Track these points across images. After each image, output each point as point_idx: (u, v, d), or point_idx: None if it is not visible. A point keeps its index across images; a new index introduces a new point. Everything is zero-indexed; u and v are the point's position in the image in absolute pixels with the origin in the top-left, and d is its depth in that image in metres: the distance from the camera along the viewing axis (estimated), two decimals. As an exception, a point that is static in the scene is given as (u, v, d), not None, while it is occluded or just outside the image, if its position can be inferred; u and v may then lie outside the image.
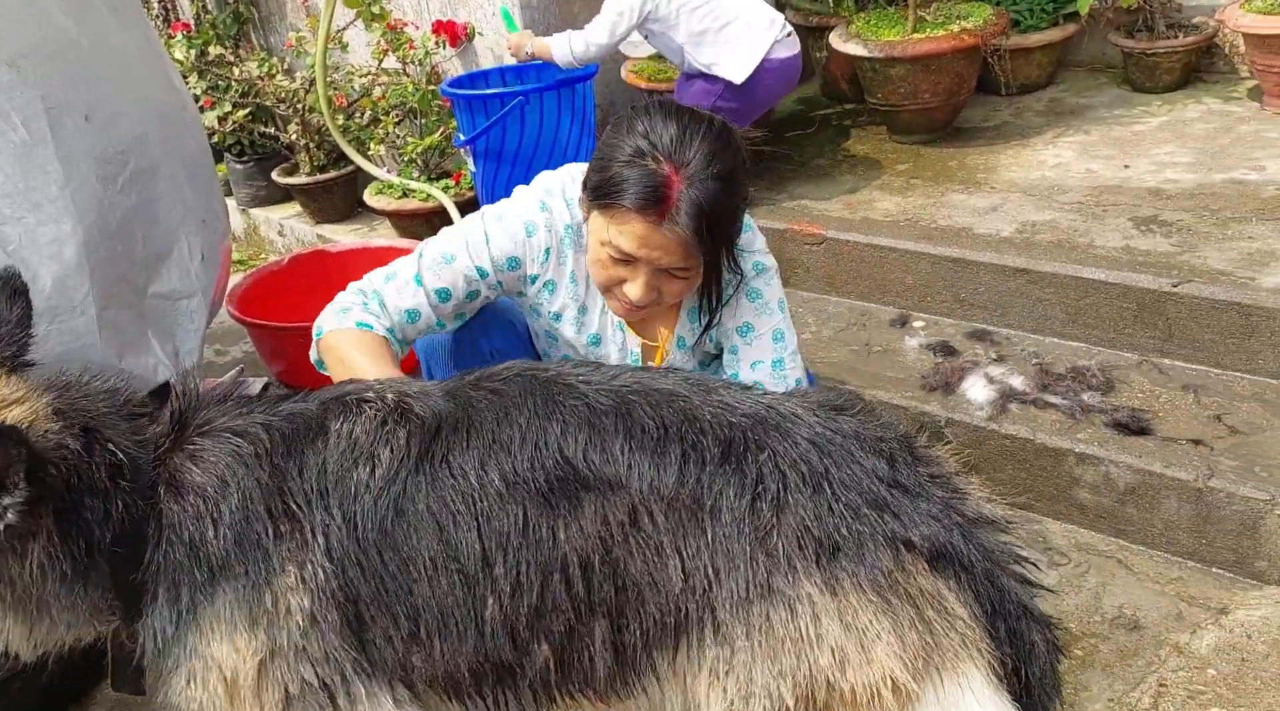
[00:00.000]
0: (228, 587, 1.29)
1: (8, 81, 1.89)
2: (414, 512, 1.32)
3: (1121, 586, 2.19)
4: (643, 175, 1.64)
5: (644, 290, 1.75)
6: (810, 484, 1.28)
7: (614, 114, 4.02)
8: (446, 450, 1.35)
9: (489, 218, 1.92)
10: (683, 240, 1.67)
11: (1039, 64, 3.92)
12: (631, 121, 1.71)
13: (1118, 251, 2.70)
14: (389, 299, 1.86)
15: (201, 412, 1.41)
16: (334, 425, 1.36)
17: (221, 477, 1.33)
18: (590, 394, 1.39)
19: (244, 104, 4.41)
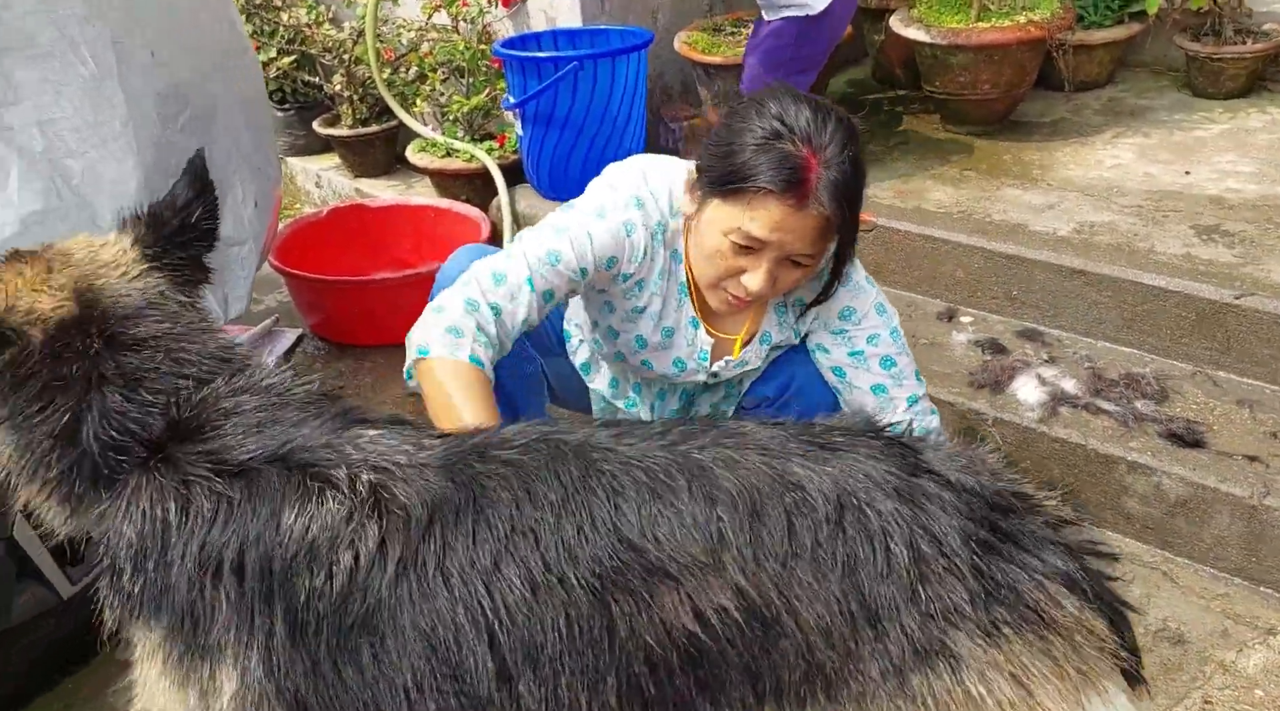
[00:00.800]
0: (158, 635, 1.16)
1: (79, 13, 1.85)
2: (391, 629, 1.11)
3: (1166, 599, 2.17)
4: (782, 158, 1.61)
5: (765, 280, 1.71)
6: (935, 525, 1.14)
7: (663, 85, 4.00)
8: (442, 552, 1.12)
9: (588, 215, 1.84)
10: (821, 221, 1.64)
11: (1100, 62, 3.84)
12: (760, 105, 1.66)
13: (1178, 259, 2.65)
14: (505, 309, 1.74)
15: (195, 432, 1.20)
16: (286, 512, 1.13)
17: (154, 532, 1.15)
18: (638, 455, 1.17)
19: (289, 51, 4.36)
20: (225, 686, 1.13)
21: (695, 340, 1.99)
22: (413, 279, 3.31)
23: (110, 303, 1.25)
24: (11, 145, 1.76)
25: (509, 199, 3.64)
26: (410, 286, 3.31)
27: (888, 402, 1.95)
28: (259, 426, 1.20)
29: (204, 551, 1.13)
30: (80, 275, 1.26)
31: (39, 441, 1.18)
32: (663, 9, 3.95)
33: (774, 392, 2.12)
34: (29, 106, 1.79)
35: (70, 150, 1.84)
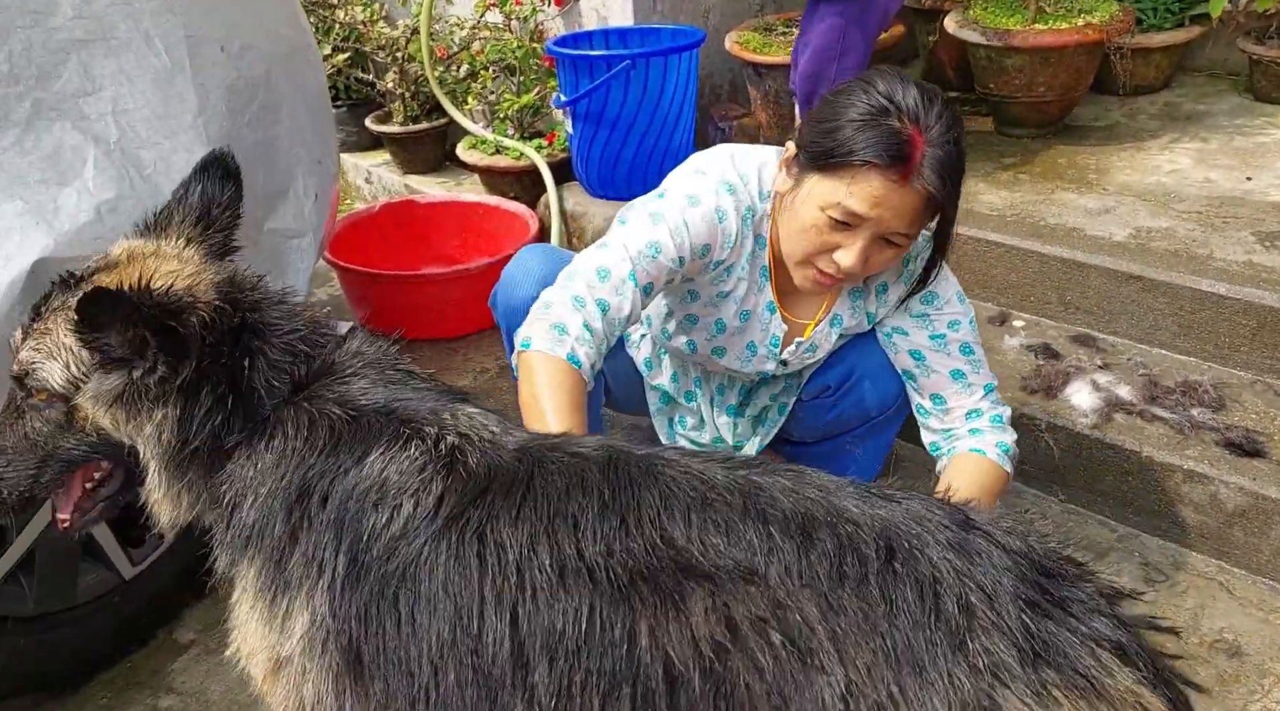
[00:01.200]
0: (252, 571, 1.25)
1: (155, 7, 1.89)
2: (426, 584, 1.15)
3: (1222, 610, 2.14)
4: (888, 133, 1.62)
5: (858, 257, 1.71)
6: (986, 580, 1.10)
7: (712, 84, 4.00)
8: (486, 518, 1.16)
9: (681, 201, 1.84)
10: (923, 198, 1.65)
11: (1158, 65, 3.79)
12: (867, 83, 1.68)
13: (1239, 266, 2.60)
14: (612, 305, 1.74)
15: (330, 377, 1.31)
16: (375, 452, 1.22)
17: (280, 458, 1.24)
18: (702, 470, 1.19)
19: (344, 48, 4.42)
20: (297, 624, 1.20)
21: (770, 325, 2.01)
22: (461, 274, 3.35)
23: (225, 285, 1.32)
24: (88, 134, 1.81)
25: (557, 196, 3.67)
26: (458, 281, 3.35)
27: (965, 388, 1.95)
28: (380, 384, 1.31)
29: (309, 476, 1.22)
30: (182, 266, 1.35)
31: (206, 398, 1.24)
32: (714, 9, 3.96)
33: (835, 381, 2.13)
34: (106, 97, 1.83)
35: (143, 140, 1.88)
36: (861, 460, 2.25)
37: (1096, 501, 2.44)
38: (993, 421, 1.95)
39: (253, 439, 1.26)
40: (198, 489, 1.30)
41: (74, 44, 1.79)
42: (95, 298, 1.16)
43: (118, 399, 1.25)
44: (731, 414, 2.32)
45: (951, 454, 1.96)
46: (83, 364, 1.26)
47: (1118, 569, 2.27)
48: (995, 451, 1.91)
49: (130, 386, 1.24)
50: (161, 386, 1.23)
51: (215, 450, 1.26)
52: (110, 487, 1.43)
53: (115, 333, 1.20)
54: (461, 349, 3.38)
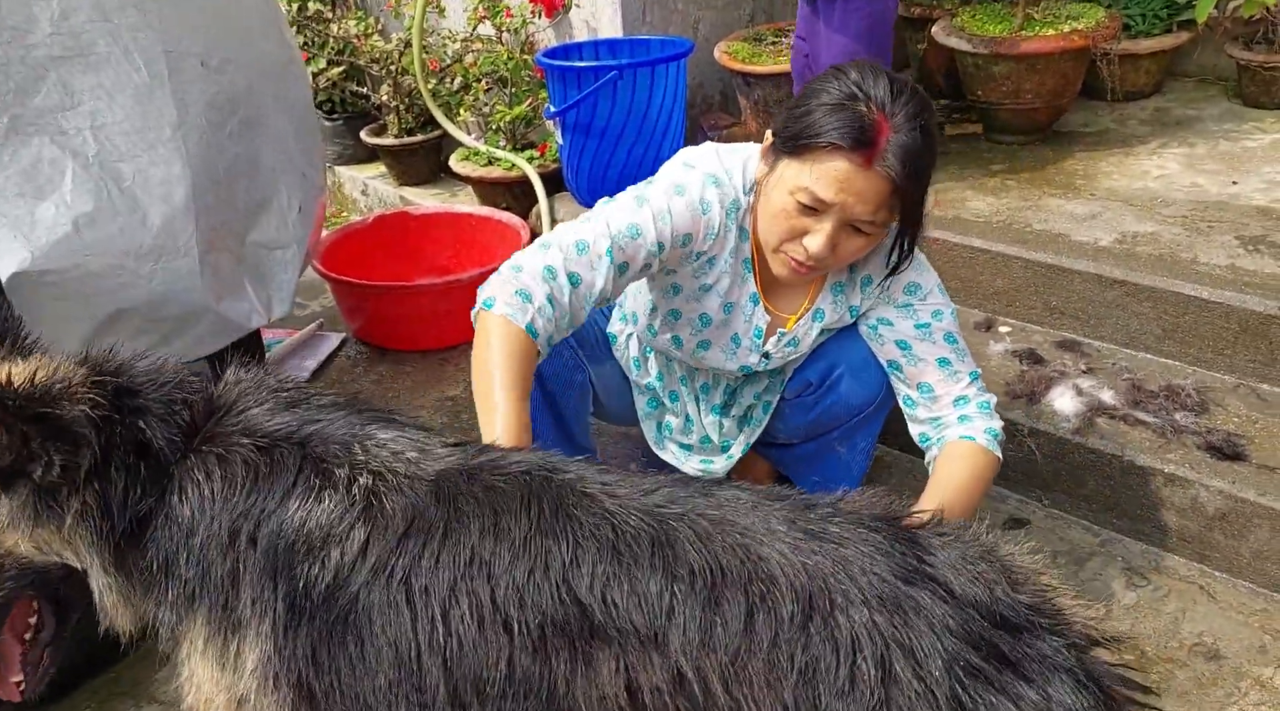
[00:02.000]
0: (199, 619, 1.21)
1: (133, 23, 1.93)
2: (367, 629, 1.14)
3: (1203, 613, 2.13)
4: (853, 117, 1.65)
5: (825, 242, 1.74)
6: (919, 643, 1.03)
7: (703, 94, 4.02)
8: (410, 566, 1.15)
9: (667, 189, 1.87)
10: (886, 182, 1.67)
11: (1147, 71, 3.79)
12: (839, 73, 1.71)
13: (1222, 270, 2.60)
14: (584, 279, 1.75)
15: (219, 415, 1.28)
16: (293, 498, 1.19)
17: (200, 505, 1.21)
18: (616, 510, 1.14)
19: (338, 62, 4.47)
20: (248, 661, 1.18)
21: (753, 316, 2.03)
22: (453, 285, 3.37)
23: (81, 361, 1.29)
24: (66, 149, 1.84)
25: (549, 207, 3.69)
26: (450, 292, 3.37)
27: (952, 375, 1.97)
28: (281, 408, 1.28)
29: (235, 519, 1.19)
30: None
31: (118, 473, 1.20)
32: (703, 20, 3.98)
33: (817, 377, 2.14)
34: (84, 112, 1.86)
35: (121, 154, 1.91)
36: (848, 459, 2.26)
37: (1079, 505, 2.44)
38: (980, 408, 1.97)
39: (164, 498, 1.23)
40: (139, 576, 1.25)
41: (52, 60, 1.83)
42: None
43: (35, 515, 1.19)
44: (716, 413, 2.33)
45: (941, 443, 1.97)
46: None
47: (1100, 573, 2.27)
48: (985, 437, 1.93)
49: (39, 494, 1.19)
50: (67, 478, 1.19)
51: (138, 523, 1.22)
52: (49, 628, 1.35)
53: None
54: (453, 359, 3.39)
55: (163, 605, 1.23)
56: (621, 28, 3.73)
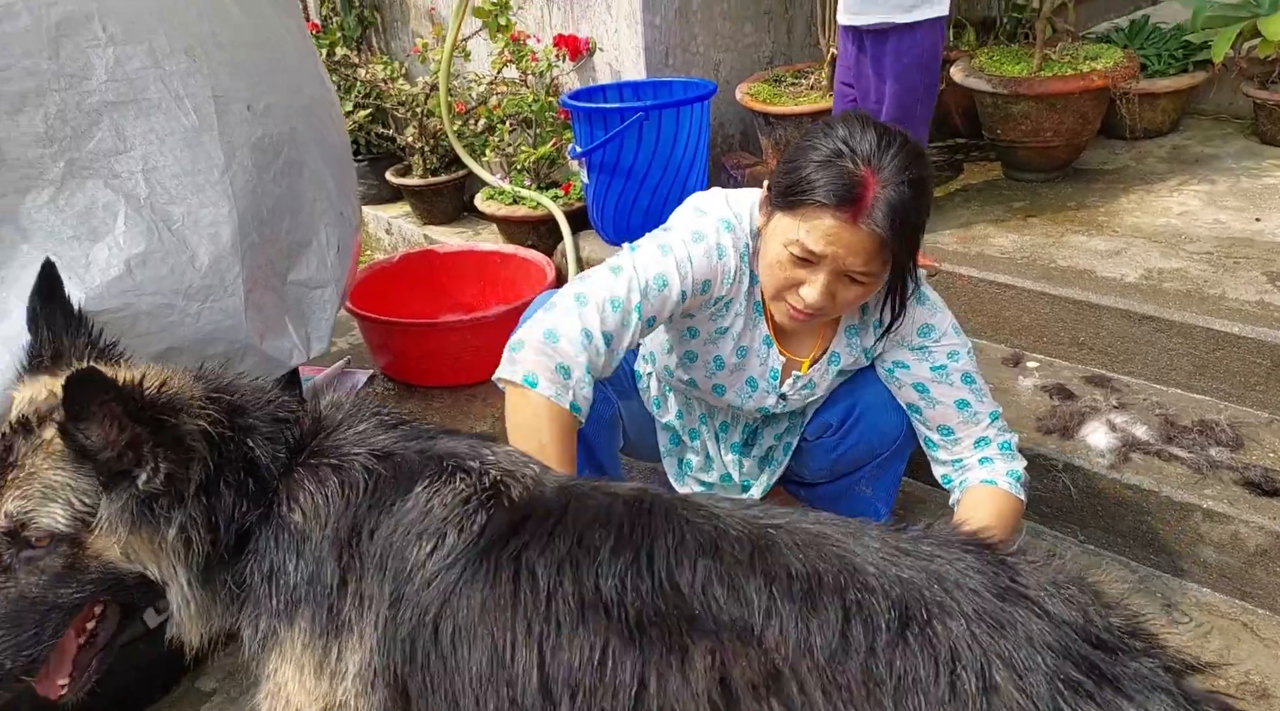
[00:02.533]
0: (302, 625, 1.23)
1: (184, 69, 1.97)
2: (465, 614, 1.16)
3: (1248, 652, 2.11)
4: (840, 173, 1.67)
5: (821, 292, 1.75)
6: (1018, 655, 1.03)
7: (724, 134, 4.08)
8: (521, 545, 1.17)
9: (686, 237, 1.88)
10: (873, 239, 1.68)
11: (1164, 110, 3.84)
12: (828, 128, 1.73)
13: (1252, 305, 2.61)
14: (616, 337, 1.78)
15: (325, 432, 1.33)
16: (419, 487, 1.24)
17: (315, 511, 1.25)
18: (721, 517, 1.19)
19: (365, 105, 4.54)
20: (349, 665, 1.19)
21: (767, 359, 2.04)
22: (479, 322, 3.40)
23: (196, 377, 1.34)
24: (120, 192, 1.87)
25: (574, 244, 3.73)
26: (476, 329, 3.40)
27: (971, 417, 1.97)
28: (382, 428, 1.33)
29: (357, 517, 1.22)
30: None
31: (227, 490, 1.24)
32: (724, 62, 4.05)
33: (837, 419, 2.14)
34: (137, 155, 1.90)
35: (172, 196, 1.94)
36: (872, 499, 2.26)
37: (1116, 542, 2.43)
38: (1001, 449, 1.97)
39: (272, 509, 1.26)
40: (223, 589, 1.28)
41: (107, 106, 1.86)
42: (87, 377, 1.11)
43: (134, 520, 1.21)
44: (736, 452, 2.34)
45: (964, 486, 1.97)
46: (85, 496, 1.21)
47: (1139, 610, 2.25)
48: (1006, 480, 1.93)
49: (140, 500, 1.20)
50: (171, 488, 1.21)
51: (239, 538, 1.26)
52: (106, 631, 1.35)
53: (96, 425, 1.16)
54: (481, 394, 3.41)
55: (259, 616, 1.25)
56: (645, 70, 3.78)
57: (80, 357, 1.37)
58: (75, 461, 1.20)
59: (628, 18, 3.75)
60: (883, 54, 2.99)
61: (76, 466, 1.20)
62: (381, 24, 4.93)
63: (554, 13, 4.03)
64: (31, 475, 1.21)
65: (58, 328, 1.40)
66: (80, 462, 1.20)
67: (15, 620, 1.23)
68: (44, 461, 1.21)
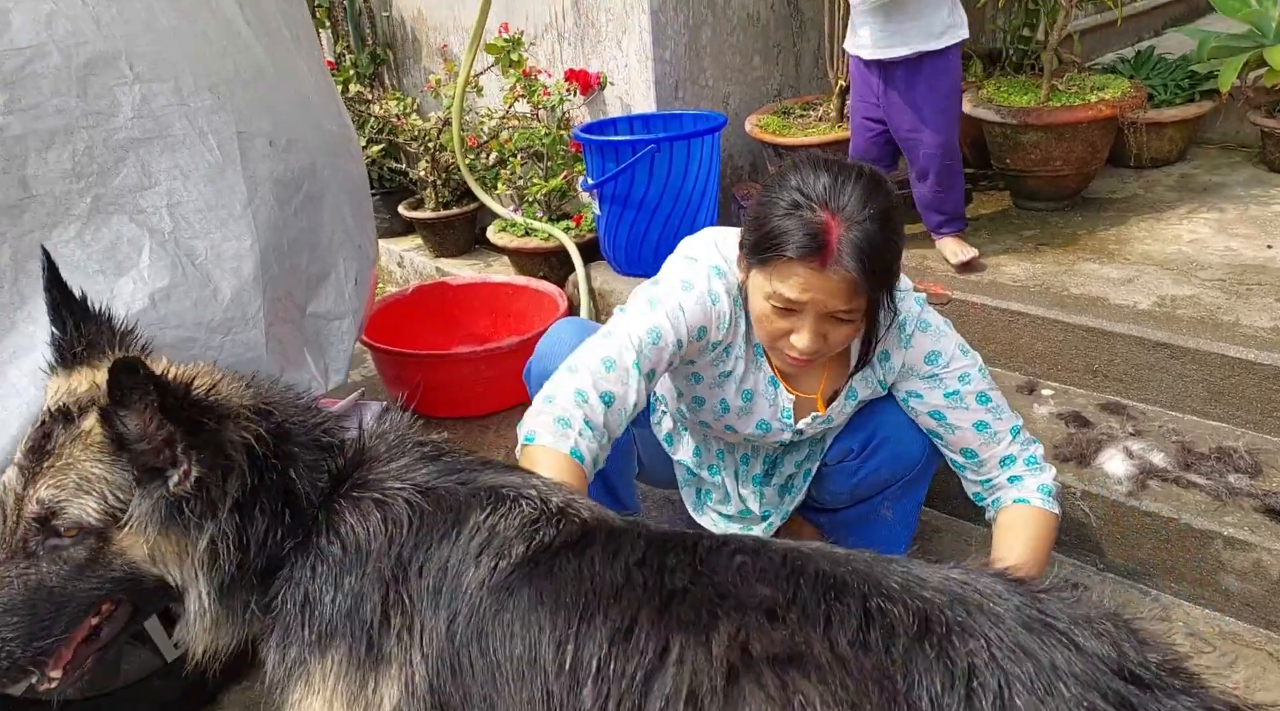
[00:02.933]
0: (335, 658, 1.22)
1: (209, 106, 2.00)
2: (518, 606, 1.19)
3: (1275, 681, 2.09)
4: (801, 224, 1.68)
5: (811, 337, 1.76)
6: (1039, 681, 1.01)
7: (734, 165, 4.11)
8: (587, 545, 1.22)
9: (675, 287, 1.90)
10: (847, 282, 1.69)
11: (1171, 139, 3.87)
12: (782, 179, 1.75)
13: (1267, 332, 2.62)
14: (617, 396, 1.78)
15: (368, 464, 1.33)
16: (475, 517, 1.25)
17: (356, 546, 1.24)
18: (765, 540, 1.26)
19: (379, 140, 4.59)
20: (385, 699, 1.19)
21: (776, 399, 2.04)
22: (493, 352, 3.42)
23: (249, 390, 1.35)
24: (144, 227, 1.89)
25: (586, 275, 3.75)
26: (489, 360, 3.41)
27: (992, 437, 1.98)
28: (425, 461, 1.33)
29: (400, 557, 1.22)
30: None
31: (261, 513, 1.24)
32: (733, 94, 4.09)
33: (858, 444, 2.15)
34: (161, 191, 1.92)
35: (195, 231, 1.96)
36: (894, 522, 2.26)
37: (1136, 570, 2.41)
38: (1028, 464, 1.98)
39: (309, 539, 1.26)
40: (243, 609, 1.28)
41: (133, 142, 1.89)
42: (132, 365, 1.11)
43: (164, 521, 1.21)
44: (757, 483, 2.34)
45: (997, 506, 1.99)
46: (119, 492, 1.21)
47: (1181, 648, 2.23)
48: (1039, 497, 1.94)
49: (171, 502, 1.20)
50: (205, 497, 1.21)
51: (269, 563, 1.26)
52: (111, 629, 1.33)
53: (136, 415, 1.16)
54: (494, 425, 3.42)
55: (288, 644, 1.24)
56: (655, 103, 3.83)
57: (115, 348, 1.38)
58: (112, 455, 1.20)
59: (638, 52, 3.80)
60: (916, 83, 3.05)
61: (113, 460, 1.20)
62: (394, 61, 4.99)
63: (565, 48, 4.09)
64: (68, 465, 1.21)
65: (84, 318, 1.39)
66: (117, 456, 1.20)
67: (31, 609, 1.22)
68: (82, 452, 1.21)
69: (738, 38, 4.01)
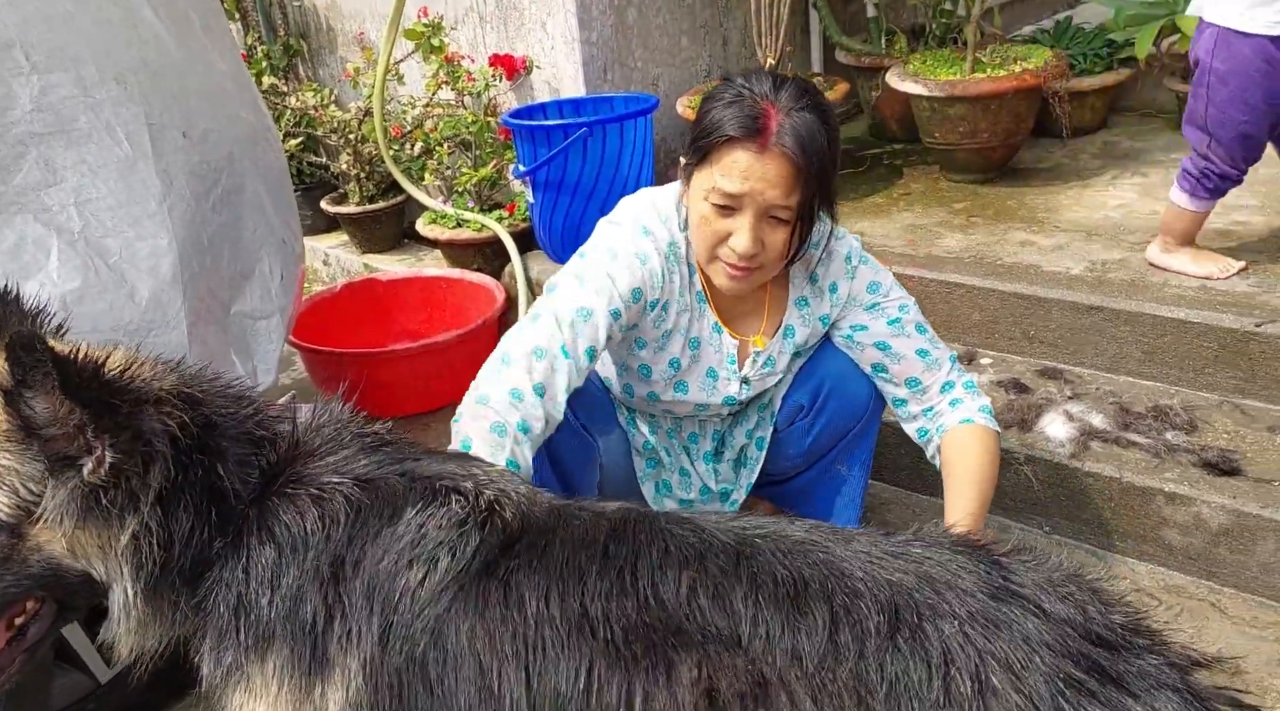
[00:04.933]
0: (276, 662, 1.16)
1: (115, 97, 1.88)
2: (454, 641, 1.12)
3: (1217, 630, 2.14)
4: (741, 109, 1.74)
5: (750, 237, 1.78)
6: (1015, 656, 1.01)
7: (666, 148, 4.07)
8: (512, 568, 1.15)
9: (601, 257, 1.91)
10: (786, 164, 1.72)
11: (1092, 108, 3.94)
12: (729, 80, 1.82)
13: (1194, 291, 2.68)
14: (550, 385, 1.76)
15: (304, 458, 1.26)
16: (410, 512, 1.19)
17: (293, 545, 1.18)
18: (706, 529, 1.18)
19: (296, 133, 4.44)
20: (331, 702, 1.13)
21: (721, 345, 2.05)
22: (429, 348, 3.33)
23: (174, 377, 1.25)
24: (51, 226, 1.78)
25: (522, 265, 3.68)
26: (426, 356, 3.33)
27: (934, 364, 2.04)
28: (366, 451, 1.26)
29: (335, 554, 1.16)
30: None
31: (185, 510, 1.16)
32: (662, 77, 4.05)
33: (807, 399, 2.15)
34: (68, 188, 1.81)
35: (107, 229, 1.85)
36: (847, 477, 2.26)
37: (1081, 530, 2.45)
38: (966, 388, 2.06)
39: (241, 539, 1.19)
40: (171, 609, 1.21)
41: (33, 137, 1.78)
42: (29, 339, 1.02)
43: (82, 513, 1.13)
44: (709, 460, 2.31)
45: (941, 431, 2.03)
46: (31, 483, 1.12)
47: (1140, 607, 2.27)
48: (982, 416, 2.01)
49: (88, 492, 1.12)
50: (124, 487, 1.13)
51: (196, 563, 1.18)
52: (38, 628, 1.26)
53: (43, 397, 1.07)
54: (434, 423, 3.33)
55: (224, 648, 1.17)
56: (584, 87, 3.77)
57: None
58: (21, 443, 1.11)
59: (564, 35, 3.73)
60: None
61: (23, 449, 1.11)
62: (308, 51, 4.83)
63: (488, 33, 4.00)
64: None
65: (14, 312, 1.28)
66: (27, 444, 1.11)
67: None
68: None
69: (664, 18, 3.97)
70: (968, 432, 1.99)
